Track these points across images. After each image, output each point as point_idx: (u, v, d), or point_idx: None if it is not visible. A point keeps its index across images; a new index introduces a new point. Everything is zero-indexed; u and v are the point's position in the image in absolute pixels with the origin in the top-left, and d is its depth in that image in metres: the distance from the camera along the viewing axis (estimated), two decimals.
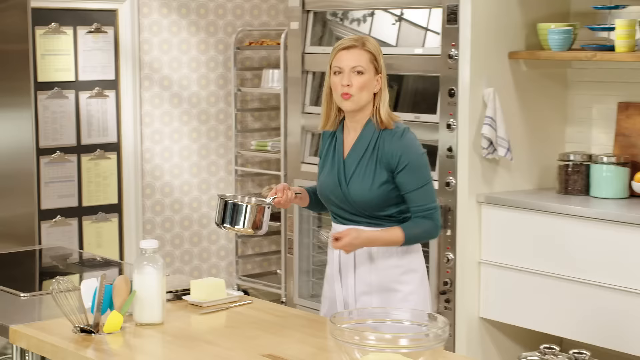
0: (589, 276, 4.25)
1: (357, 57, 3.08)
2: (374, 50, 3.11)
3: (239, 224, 3.05)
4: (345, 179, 3.14)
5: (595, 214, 4.24)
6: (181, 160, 5.89)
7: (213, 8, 5.94)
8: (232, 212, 3.05)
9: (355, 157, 3.15)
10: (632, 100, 4.68)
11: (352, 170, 3.14)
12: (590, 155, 4.64)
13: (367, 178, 3.10)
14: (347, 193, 3.13)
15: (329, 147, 3.23)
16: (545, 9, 4.77)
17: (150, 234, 5.78)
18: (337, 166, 3.17)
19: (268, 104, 6.21)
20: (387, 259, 3.16)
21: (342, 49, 3.10)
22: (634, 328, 4.11)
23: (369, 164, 3.11)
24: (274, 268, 6.25)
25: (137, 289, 2.83)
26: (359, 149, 3.14)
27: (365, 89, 3.08)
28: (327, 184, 3.19)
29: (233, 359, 2.55)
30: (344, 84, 3.07)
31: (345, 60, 3.08)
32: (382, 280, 3.17)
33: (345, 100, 3.09)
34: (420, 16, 4.91)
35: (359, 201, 3.12)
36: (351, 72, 3.07)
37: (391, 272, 3.17)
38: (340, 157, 3.18)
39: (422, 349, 2.34)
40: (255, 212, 3.04)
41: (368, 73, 3.08)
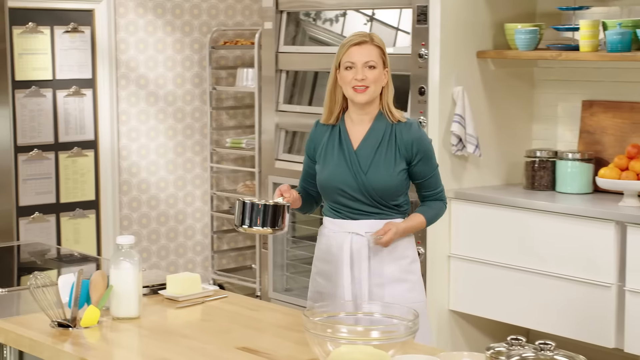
0: (554, 269, 4.28)
1: (369, 52, 3.11)
2: (382, 45, 3.16)
3: (258, 224, 2.98)
4: (362, 169, 3.13)
5: (561, 209, 4.26)
6: (157, 157, 5.87)
7: (188, 8, 5.91)
8: (252, 213, 2.97)
9: (369, 148, 3.15)
10: (595, 99, 4.72)
11: (368, 160, 3.14)
12: (555, 152, 4.67)
13: (388, 166, 3.12)
14: (366, 182, 3.12)
15: (329, 140, 3.21)
16: (512, 10, 4.80)
17: (127, 230, 5.75)
18: (348, 158, 3.16)
19: (243, 102, 6.20)
20: (397, 250, 3.19)
21: (353, 45, 3.13)
22: (597, 319, 4.14)
23: (388, 153, 3.13)
24: (249, 263, 6.25)
25: (113, 284, 2.81)
26: (372, 140, 3.15)
27: (378, 82, 3.12)
28: (338, 175, 3.16)
29: (208, 352, 2.55)
30: (358, 78, 3.09)
31: (357, 55, 3.11)
32: (394, 270, 3.18)
33: (360, 94, 3.11)
34: (391, 16, 4.92)
35: (380, 189, 3.12)
36: (364, 67, 3.10)
37: (402, 262, 3.20)
38: (350, 148, 3.17)
39: (393, 341, 2.34)
40: (274, 211, 2.97)
41: (379, 67, 3.12)
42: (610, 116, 4.63)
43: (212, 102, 6.02)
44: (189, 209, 6.02)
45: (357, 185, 3.14)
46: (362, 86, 3.10)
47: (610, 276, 4.10)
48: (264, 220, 2.97)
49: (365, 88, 3.10)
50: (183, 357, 2.51)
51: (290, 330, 2.74)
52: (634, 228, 4.01)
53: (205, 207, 6.08)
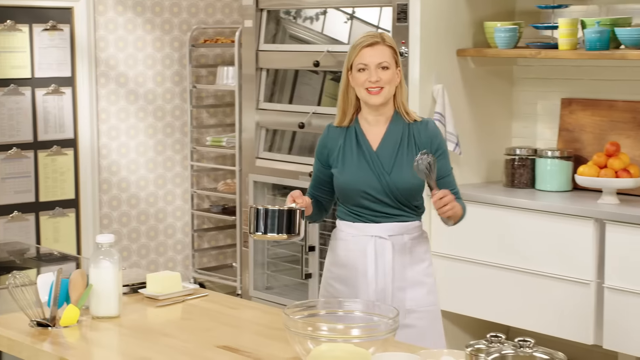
0: (534, 266, 4.29)
1: (381, 53, 3.05)
2: (393, 45, 3.09)
3: (274, 230, 2.88)
4: (385, 169, 3.07)
5: (540, 207, 4.28)
6: (137, 156, 5.85)
7: (168, 6, 5.89)
8: (265, 220, 2.87)
9: (389, 148, 3.09)
10: (575, 97, 4.74)
11: (390, 161, 3.07)
12: (535, 150, 4.68)
13: (411, 166, 3.03)
14: (390, 183, 3.06)
15: (346, 143, 3.12)
16: (492, 8, 4.81)
17: (107, 229, 5.73)
18: (369, 159, 3.09)
19: (223, 100, 6.18)
20: (417, 253, 3.13)
21: (365, 47, 3.06)
22: (576, 316, 4.16)
23: (409, 153, 3.08)
24: (230, 261, 6.24)
25: (93, 283, 2.80)
26: (391, 141, 3.10)
27: (392, 82, 3.07)
28: (361, 177, 3.08)
29: (188, 351, 2.54)
30: (372, 80, 3.03)
31: (369, 57, 3.04)
32: (415, 274, 3.12)
33: (374, 96, 3.05)
34: (371, 14, 4.92)
35: (405, 189, 3.06)
36: (377, 68, 3.04)
37: (422, 265, 3.14)
38: (370, 150, 3.10)
39: (373, 339, 2.35)
40: (289, 217, 2.88)
41: (392, 67, 3.06)
42: (589, 114, 4.65)
43: (193, 101, 6.00)
44: (170, 208, 6.01)
45: (381, 186, 3.07)
46: (376, 87, 3.04)
47: (589, 273, 4.12)
48: (279, 226, 2.88)
49: (379, 89, 3.04)
50: (163, 356, 2.50)
51: (270, 329, 2.73)
52: (612, 225, 4.04)
53: (185, 205, 6.06)
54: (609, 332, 4.07)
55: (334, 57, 4.94)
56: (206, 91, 6.10)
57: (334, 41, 5.11)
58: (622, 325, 4.02)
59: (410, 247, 3.12)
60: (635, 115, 4.47)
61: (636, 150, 4.44)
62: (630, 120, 4.49)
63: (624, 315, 4.01)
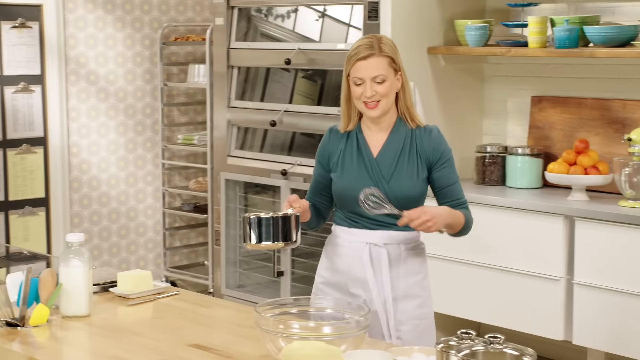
0: (504, 263, 4.31)
1: (376, 66, 2.91)
2: (390, 53, 2.94)
3: (269, 239, 2.76)
4: (384, 177, 2.95)
5: (511, 204, 4.30)
6: (108, 154, 5.81)
7: (139, 4, 5.86)
8: (259, 228, 2.75)
9: (390, 155, 2.97)
10: (544, 94, 4.76)
11: (390, 168, 2.96)
12: (505, 147, 4.70)
13: (412, 174, 2.95)
14: (389, 191, 2.93)
15: (347, 147, 3.02)
16: (462, 6, 4.82)
17: (77, 228, 5.69)
18: (369, 166, 2.97)
19: (194, 98, 6.16)
20: (412, 265, 3.01)
21: (359, 60, 2.92)
22: (546, 312, 4.18)
23: (410, 161, 2.97)
24: (202, 259, 6.22)
25: (63, 282, 2.78)
26: (392, 148, 2.98)
27: (389, 94, 2.94)
28: (358, 184, 2.94)
29: (159, 349, 2.53)
30: (367, 95, 2.91)
31: (364, 70, 2.91)
32: (408, 286, 2.99)
33: (371, 110, 2.93)
34: (343, 12, 4.92)
35: (403, 197, 2.93)
36: (373, 82, 2.91)
37: (416, 277, 3.02)
38: (370, 156, 2.98)
39: (344, 337, 2.35)
40: (284, 224, 2.76)
41: (389, 79, 2.92)
42: (558, 111, 4.68)
43: (164, 99, 5.97)
44: (141, 206, 5.98)
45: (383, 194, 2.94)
46: (372, 102, 2.92)
47: (559, 269, 4.14)
48: (275, 234, 2.75)
49: (376, 103, 2.92)
50: (134, 354, 2.48)
51: (242, 327, 2.72)
52: (582, 222, 4.06)
53: (157, 204, 6.03)
54: (579, 327, 4.10)
55: (306, 55, 4.94)
56: (177, 89, 6.07)
57: (306, 39, 5.11)
58: (592, 321, 4.05)
59: (405, 257, 2.99)
60: (604, 113, 4.51)
61: (605, 147, 4.48)
62: (599, 117, 4.52)
63: (594, 311, 4.04)
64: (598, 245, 4.02)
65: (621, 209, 4.03)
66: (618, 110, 4.46)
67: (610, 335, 3.99)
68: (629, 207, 4.05)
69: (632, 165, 4.08)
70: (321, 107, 4.96)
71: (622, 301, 3.95)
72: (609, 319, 3.99)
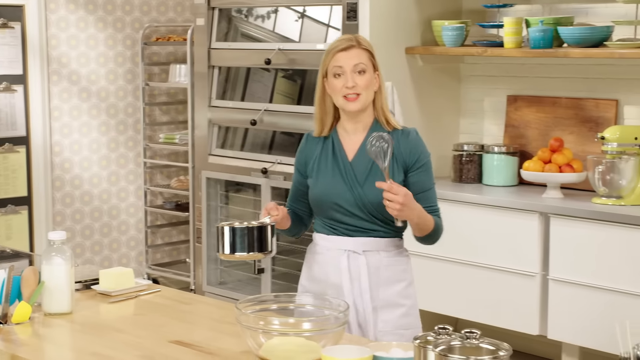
0: (481, 259, 4.33)
1: (357, 56, 2.82)
2: (370, 47, 2.87)
3: (244, 250, 2.66)
4: (358, 181, 2.83)
5: (487, 201, 4.31)
6: (90, 153, 5.79)
7: (120, 4, 5.83)
8: (233, 238, 2.65)
9: (365, 159, 2.83)
10: (520, 94, 4.78)
11: (365, 172, 2.83)
12: (482, 146, 4.72)
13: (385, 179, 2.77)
14: (362, 195, 2.81)
15: (322, 152, 2.91)
16: (439, 7, 4.83)
17: (60, 226, 5.66)
18: (343, 170, 2.85)
19: (176, 97, 6.14)
20: (393, 273, 2.88)
21: (339, 51, 2.83)
22: (522, 307, 4.20)
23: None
24: (183, 257, 6.20)
25: (45, 280, 2.76)
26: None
27: (369, 87, 2.83)
28: (333, 189, 2.85)
29: (141, 346, 2.52)
30: (348, 85, 2.80)
31: (344, 60, 2.81)
32: (390, 294, 2.88)
33: (351, 102, 2.82)
34: (322, 13, 4.92)
35: (377, 202, 2.78)
36: (353, 73, 2.81)
37: (399, 285, 2.90)
38: (345, 160, 2.86)
39: (324, 333, 2.34)
40: (259, 234, 2.66)
41: (369, 71, 2.83)
42: (533, 111, 4.69)
43: (145, 98, 5.95)
44: (123, 204, 5.95)
45: (353, 199, 2.82)
46: (353, 94, 2.81)
47: (534, 265, 4.16)
48: (249, 244, 2.65)
49: (356, 96, 2.81)
50: (116, 351, 2.47)
51: (223, 323, 2.72)
52: (556, 219, 4.08)
53: (139, 202, 6.01)
54: (553, 322, 4.11)
55: (285, 55, 4.94)
56: (159, 89, 6.05)
57: (285, 39, 5.10)
58: (566, 316, 4.07)
59: (386, 265, 2.86)
60: (578, 112, 4.53)
61: (579, 146, 4.50)
62: (573, 116, 4.54)
63: (568, 306, 4.06)
64: (572, 242, 4.03)
65: (595, 206, 4.05)
66: (591, 109, 4.48)
67: (585, 329, 4.01)
68: (602, 204, 4.07)
69: (605, 163, 4.11)
70: (301, 107, 4.96)
71: (596, 296, 3.97)
72: (583, 313, 4.01)
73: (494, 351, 1.98)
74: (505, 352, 1.97)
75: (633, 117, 4.38)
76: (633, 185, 4.07)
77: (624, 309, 3.86)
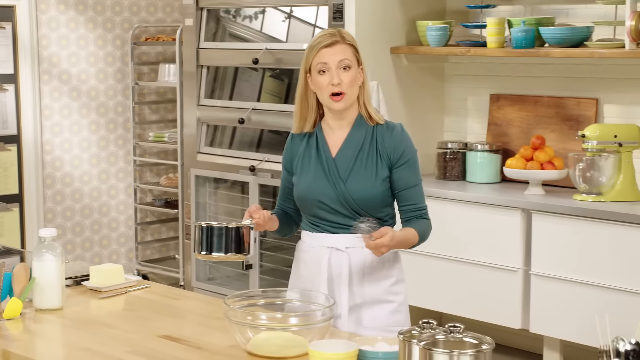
0: (465, 255, 4.34)
1: (342, 51, 2.72)
2: (353, 42, 2.77)
3: (222, 250, 2.60)
4: (341, 177, 2.74)
5: (471, 198, 4.32)
6: (81, 151, 5.77)
7: (110, 5, 5.82)
8: (210, 238, 2.60)
9: (348, 154, 2.75)
10: (502, 92, 4.79)
11: (348, 168, 2.75)
12: (465, 144, 4.73)
13: (370, 174, 2.73)
14: (345, 192, 2.73)
15: (306, 150, 2.82)
16: (424, 7, 4.84)
17: (51, 223, 5.64)
18: (326, 167, 2.76)
19: (165, 96, 6.13)
20: (379, 270, 2.79)
21: (323, 47, 2.72)
22: (505, 301, 4.21)
23: (369, 159, 2.75)
24: (172, 253, 6.19)
25: (36, 276, 2.76)
26: (352, 146, 2.76)
27: (354, 84, 2.74)
28: (316, 186, 2.76)
29: (131, 341, 2.51)
30: (334, 82, 2.70)
31: (329, 56, 2.71)
32: (376, 292, 2.79)
33: (337, 102, 2.72)
34: (309, 13, 4.91)
35: (361, 199, 2.72)
36: (339, 69, 2.71)
37: (385, 282, 2.80)
38: (328, 156, 2.77)
39: (310, 327, 2.35)
40: (237, 235, 2.60)
41: (354, 67, 2.74)
42: (516, 109, 4.71)
43: (135, 97, 5.94)
44: (113, 202, 5.94)
45: (336, 195, 2.73)
46: (338, 93, 2.71)
47: (517, 261, 4.17)
48: (226, 245, 2.59)
49: (342, 95, 2.71)
50: (105, 346, 2.47)
51: (211, 318, 2.71)
52: (538, 215, 4.09)
53: (129, 199, 6.00)
54: (535, 316, 4.13)
55: (273, 55, 4.93)
56: (148, 88, 6.04)
57: (273, 39, 5.10)
58: (548, 310, 4.08)
59: (370, 261, 2.77)
60: (559, 110, 4.54)
61: (560, 144, 4.51)
62: (554, 115, 4.56)
63: (550, 301, 4.07)
64: (554, 238, 4.05)
65: (575, 203, 4.07)
66: (572, 107, 4.49)
67: (566, 323, 4.03)
68: (582, 201, 4.09)
69: (585, 161, 4.12)
70: (288, 105, 4.96)
71: (577, 291, 3.99)
72: (564, 308, 4.03)
73: (477, 345, 1.98)
74: (488, 345, 1.98)
75: (613, 115, 4.40)
76: (613, 182, 4.09)
77: (603, 303, 3.88)
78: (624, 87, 4.35)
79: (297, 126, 2.85)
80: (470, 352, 1.95)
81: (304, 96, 2.81)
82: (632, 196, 4.08)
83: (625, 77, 4.34)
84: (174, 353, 2.41)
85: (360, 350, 2.22)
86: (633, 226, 3.81)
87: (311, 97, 2.81)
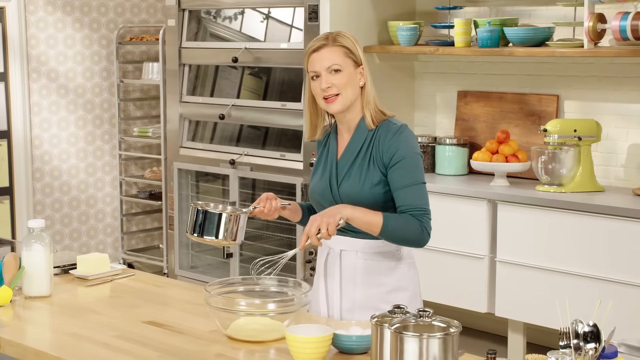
0: (434, 243, 4.34)
1: (330, 55, 2.55)
2: (346, 44, 2.58)
3: (211, 234, 2.52)
4: (337, 181, 2.61)
5: (440, 189, 4.33)
6: (69, 146, 5.73)
7: (96, 6, 5.77)
8: (204, 221, 2.53)
9: (348, 158, 2.62)
10: (469, 89, 4.80)
11: (344, 171, 2.61)
12: (435, 138, 4.73)
13: (358, 179, 2.57)
14: (336, 195, 2.60)
15: (323, 152, 2.71)
16: (394, 9, 4.83)
17: (40, 214, 5.60)
18: (330, 169, 2.65)
19: (149, 94, 6.09)
20: (374, 275, 2.62)
21: (312, 52, 2.58)
22: (472, 287, 4.23)
23: (362, 164, 2.58)
24: (157, 243, 6.16)
25: (25, 265, 2.73)
26: (352, 150, 2.61)
27: (349, 86, 2.56)
28: (318, 187, 2.66)
29: (116, 326, 2.50)
30: (323, 87, 2.54)
31: (317, 62, 2.56)
32: (368, 297, 2.61)
33: (330, 104, 2.56)
34: (286, 14, 4.90)
35: (350, 201, 2.56)
36: (328, 73, 2.55)
37: (378, 289, 2.61)
38: (334, 159, 2.65)
39: (287, 312, 2.34)
40: (228, 221, 2.52)
41: (346, 68, 2.56)
42: (482, 105, 4.72)
43: (120, 94, 5.90)
44: (100, 194, 5.90)
45: (332, 197, 2.62)
46: (330, 95, 2.55)
47: (483, 248, 4.19)
48: (217, 229, 2.52)
49: (335, 96, 2.55)
50: (92, 331, 2.45)
51: (194, 305, 2.70)
52: (503, 205, 4.11)
53: (114, 192, 5.96)
54: (500, 301, 4.15)
55: (252, 54, 4.91)
56: (133, 85, 6.00)
57: (252, 39, 5.08)
58: (512, 295, 4.10)
59: (363, 267, 2.61)
60: (522, 106, 4.56)
61: (524, 138, 4.53)
62: (518, 110, 4.57)
63: (514, 286, 4.09)
64: (518, 226, 4.07)
65: (538, 193, 4.09)
66: (535, 103, 4.51)
67: (529, 307, 4.05)
68: (544, 192, 4.11)
69: (547, 154, 4.14)
70: (266, 102, 4.95)
71: (539, 276, 4.01)
72: (527, 292, 4.05)
73: (445, 328, 1.99)
74: (456, 329, 1.98)
75: (572, 111, 4.42)
76: (573, 174, 4.11)
77: (564, 288, 3.90)
78: (583, 84, 4.37)
79: (308, 134, 2.70)
80: (439, 335, 1.96)
81: (311, 103, 2.66)
82: (590, 187, 4.10)
83: (584, 75, 4.36)
84: (158, 338, 2.40)
85: (335, 334, 2.22)
86: (591, 215, 3.83)
87: (317, 104, 2.66)
